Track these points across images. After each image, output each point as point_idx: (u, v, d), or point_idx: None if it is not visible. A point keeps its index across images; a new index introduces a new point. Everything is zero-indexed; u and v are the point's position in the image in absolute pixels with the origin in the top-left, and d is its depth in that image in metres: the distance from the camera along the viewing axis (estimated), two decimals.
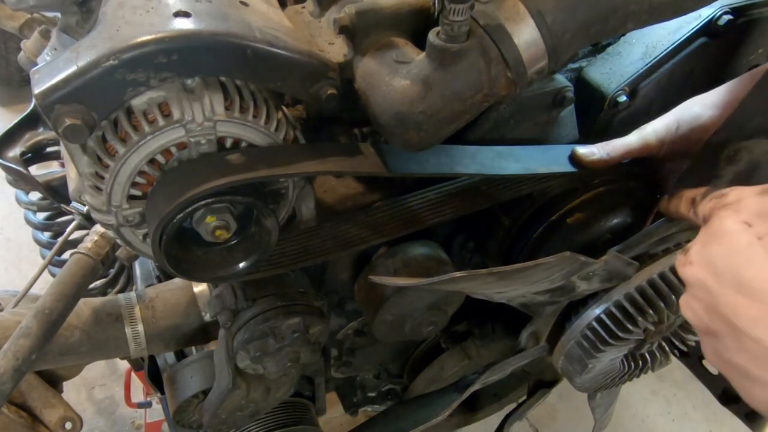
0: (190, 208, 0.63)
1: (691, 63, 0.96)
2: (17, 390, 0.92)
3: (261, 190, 0.71)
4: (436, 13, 0.72)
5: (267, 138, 0.68)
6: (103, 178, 0.64)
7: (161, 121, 0.62)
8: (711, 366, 1.24)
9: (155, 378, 1.11)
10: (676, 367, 1.29)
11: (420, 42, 0.71)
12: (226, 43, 0.61)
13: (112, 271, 1.29)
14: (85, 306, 0.94)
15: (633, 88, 0.94)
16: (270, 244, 0.72)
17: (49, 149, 1.03)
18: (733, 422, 1.23)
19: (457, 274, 0.70)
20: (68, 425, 0.99)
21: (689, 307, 0.60)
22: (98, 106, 0.59)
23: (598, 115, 0.95)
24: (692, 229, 0.84)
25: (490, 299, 0.84)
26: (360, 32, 0.72)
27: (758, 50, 1.00)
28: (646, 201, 0.93)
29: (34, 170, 1.01)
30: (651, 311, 0.82)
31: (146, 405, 1.66)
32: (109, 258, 0.93)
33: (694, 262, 0.58)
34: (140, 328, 0.95)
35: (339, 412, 1.38)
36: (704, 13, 0.93)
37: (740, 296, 0.52)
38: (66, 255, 0.95)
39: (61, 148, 0.85)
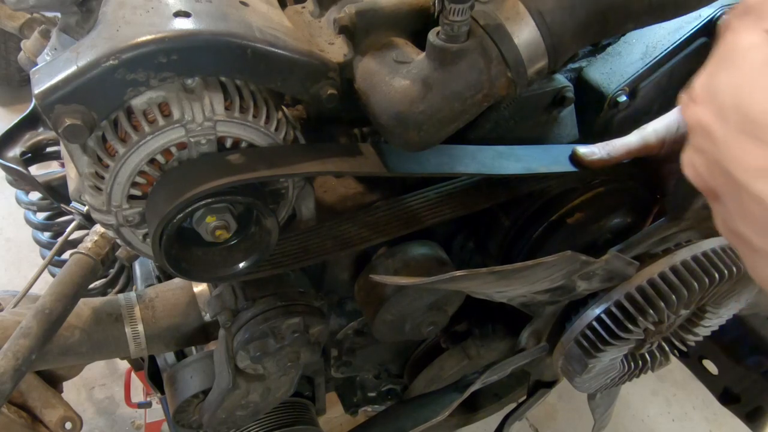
0: (190, 208, 0.63)
1: (691, 63, 0.96)
2: (17, 390, 0.92)
3: (261, 190, 0.71)
4: (436, 13, 0.72)
5: (267, 138, 0.68)
6: (103, 178, 0.64)
7: (161, 121, 0.62)
8: (710, 367, 1.25)
9: (155, 378, 1.11)
10: (676, 367, 1.29)
11: (420, 42, 0.71)
12: (226, 43, 0.61)
13: (112, 271, 1.29)
14: (85, 306, 0.94)
15: (633, 88, 0.94)
16: (270, 244, 0.72)
17: (49, 149, 1.03)
18: (733, 422, 1.24)
19: (457, 273, 0.69)
20: (68, 425, 0.99)
21: (690, 161, 0.44)
22: (98, 106, 0.59)
23: (598, 115, 0.95)
24: (693, 228, 0.85)
25: (490, 299, 0.84)
26: (360, 32, 0.72)
27: None
28: (646, 201, 0.93)
29: (34, 170, 1.01)
30: (651, 311, 0.82)
31: (146, 405, 1.66)
32: (109, 258, 0.93)
33: (698, 99, 0.41)
34: (140, 328, 0.95)
35: (339, 412, 1.38)
36: (704, 13, 0.93)
37: (744, 139, 0.37)
38: (66, 255, 0.95)
39: (61, 148, 0.85)
